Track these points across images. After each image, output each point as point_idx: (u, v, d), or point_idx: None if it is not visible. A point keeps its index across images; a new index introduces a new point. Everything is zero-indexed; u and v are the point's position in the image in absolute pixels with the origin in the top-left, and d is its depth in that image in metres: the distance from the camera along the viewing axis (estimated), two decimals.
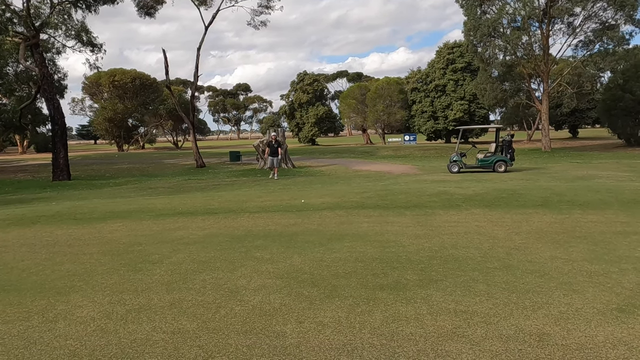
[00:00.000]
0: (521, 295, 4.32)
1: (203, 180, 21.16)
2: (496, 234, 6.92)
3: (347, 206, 9.72)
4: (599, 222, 7.63)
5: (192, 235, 7.50)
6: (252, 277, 5.09)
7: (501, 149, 18.58)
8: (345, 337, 3.52)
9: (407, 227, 7.54)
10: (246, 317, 3.97)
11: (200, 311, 4.12)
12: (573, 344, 3.32)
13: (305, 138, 65.62)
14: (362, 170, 23.39)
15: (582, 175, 16.08)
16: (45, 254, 6.55)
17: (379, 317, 3.89)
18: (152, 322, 3.90)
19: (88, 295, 4.64)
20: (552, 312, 3.91)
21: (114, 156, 47.76)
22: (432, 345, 3.36)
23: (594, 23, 29.09)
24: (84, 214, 10.00)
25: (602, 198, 9.75)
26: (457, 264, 5.36)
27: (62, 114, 23.59)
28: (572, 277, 4.80)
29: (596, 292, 4.36)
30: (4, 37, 24.66)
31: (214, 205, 10.68)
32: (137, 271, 5.47)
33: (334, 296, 4.41)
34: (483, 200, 9.82)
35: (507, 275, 4.93)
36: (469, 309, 4.01)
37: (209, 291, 4.66)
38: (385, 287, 4.61)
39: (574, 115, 52.37)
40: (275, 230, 7.69)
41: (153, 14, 27.24)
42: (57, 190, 18.67)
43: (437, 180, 15.42)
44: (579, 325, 3.63)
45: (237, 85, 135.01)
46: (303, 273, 5.17)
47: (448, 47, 50.08)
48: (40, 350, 3.46)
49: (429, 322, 3.75)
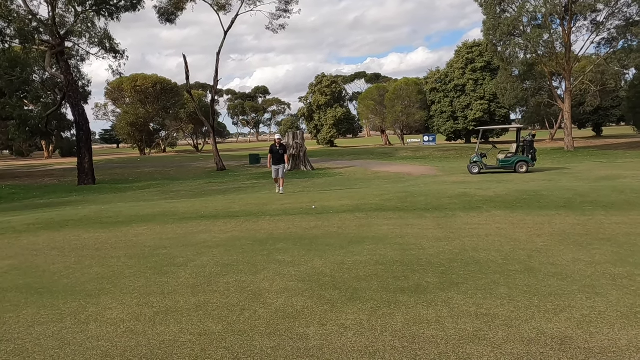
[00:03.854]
0: (543, 298, 4.32)
1: (224, 183, 21.43)
2: (517, 236, 6.89)
3: (367, 209, 9.76)
4: (624, 223, 7.52)
5: (214, 238, 7.64)
6: (275, 279, 5.19)
7: (522, 149, 18.36)
8: (367, 340, 3.58)
9: (428, 230, 7.55)
10: (270, 319, 4.06)
11: (225, 313, 4.23)
12: (596, 348, 3.32)
13: (323, 140, 65.76)
14: (381, 172, 23.37)
15: (606, 175, 15.79)
16: (74, 257, 6.77)
17: (400, 320, 3.94)
18: (179, 324, 4.03)
19: (117, 298, 4.80)
20: (574, 315, 3.91)
21: (137, 160, 48.63)
22: (453, 348, 3.40)
23: (617, 20, 28.51)
24: (110, 217, 10.26)
25: (627, 199, 9.59)
26: (478, 267, 5.37)
27: (86, 120, 24.19)
28: (595, 280, 4.77)
29: (620, 295, 4.33)
30: (31, 46, 25.38)
31: (235, 208, 10.83)
32: (163, 274, 5.62)
33: (356, 299, 4.47)
34: (504, 202, 9.75)
35: (528, 278, 4.92)
36: (490, 312, 4.03)
37: (233, 294, 4.77)
38: (406, 290, 4.65)
39: (598, 114, 51.32)
40: (296, 233, 7.79)
41: (173, 20, 27.74)
42: (82, 195, 19.15)
43: (457, 182, 15.33)
44: (602, 329, 3.62)
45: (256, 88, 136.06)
46: (324, 276, 5.24)
47: (467, 47, 49.63)
48: (74, 350, 3.61)
49: (450, 325, 3.79)
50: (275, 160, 13.23)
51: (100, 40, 26.89)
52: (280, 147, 13.27)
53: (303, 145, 25.85)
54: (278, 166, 13.30)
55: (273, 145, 13.36)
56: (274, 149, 13.27)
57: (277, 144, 13.29)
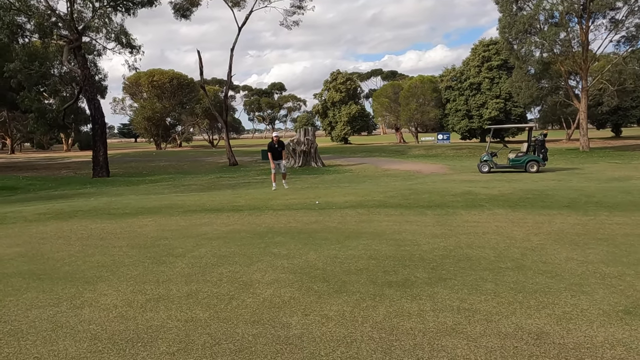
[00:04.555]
0: (528, 295, 4.35)
1: (234, 178, 21.66)
2: (515, 234, 6.89)
3: (370, 205, 9.82)
4: (625, 224, 7.46)
5: (215, 230, 7.79)
6: (267, 271, 5.30)
7: (533, 149, 18.18)
8: (347, 330, 3.67)
9: (426, 227, 7.59)
10: (256, 308, 4.18)
11: (213, 302, 4.36)
12: (570, 343, 3.36)
13: (337, 137, 65.77)
14: (391, 170, 23.35)
15: (618, 176, 15.57)
16: (79, 246, 6.98)
17: (382, 312, 4.02)
18: (169, 311, 4.17)
19: (113, 285, 4.96)
20: (555, 312, 3.94)
21: (152, 154, 49.32)
22: (429, 340, 3.46)
23: (637, 18, 27.95)
24: (118, 209, 10.50)
25: (633, 200, 9.49)
26: (469, 263, 5.41)
27: (102, 114, 24.64)
28: (584, 279, 4.77)
29: (606, 293, 4.34)
30: (49, 40, 25.92)
31: (240, 202, 10.98)
32: (161, 264, 5.77)
33: (343, 291, 4.56)
34: (507, 201, 9.72)
35: (517, 275, 4.95)
36: (473, 307, 4.08)
37: (225, 284, 4.89)
38: (393, 284, 4.73)
39: (617, 114, 50.37)
40: (296, 227, 7.90)
41: (188, 16, 28.03)
42: (96, 187, 19.55)
43: (465, 180, 15.28)
44: (580, 326, 3.65)
45: (272, 84, 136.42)
46: (316, 269, 5.34)
47: (484, 45, 49.12)
48: (66, 333, 3.76)
49: (430, 319, 3.85)
50: (275, 157, 13.66)
51: (116, 36, 27.33)
52: (278, 144, 13.69)
53: (314, 141, 25.95)
54: (278, 161, 13.70)
55: (271, 143, 13.69)
56: (272, 146, 13.64)
57: (275, 142, 13.64)
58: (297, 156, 25.48)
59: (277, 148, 13.67)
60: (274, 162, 13.62)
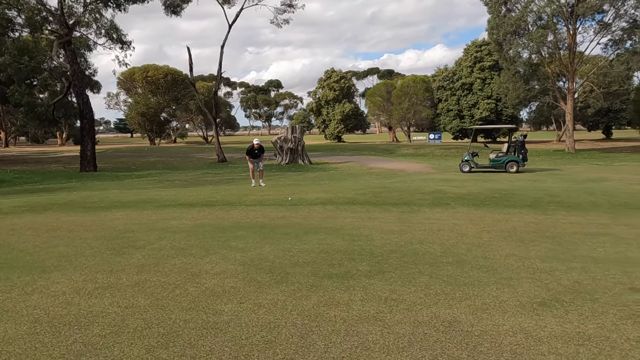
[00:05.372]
0: (456, 287, 4.59)
1: (219, 174, 21.86)
2: (468, 231, 7.13)
3: (339, 202, 10.04)
4: (578, 223, 7.71)
5: (182, 224, 8.00)
6: (218, 263, 5.52)
7: (514, 149, 18.45)
8: (274, 317, 3.89)
9: (386, 223, 7.82)
10: (196, 297, 4.40)
11: (157, 290, 4.58)
12: (477, 331, 3.60)
13: (331, 135, 65.95)
14: (376, 168, 23.59)
15: (594, 178, 15.85)
16: (46, 237, 7.18)
17: (313, 301, 4.24)
18: (112, 298, 4.38)
19: (67, 274, 5.17)
20: (476, 303, 4.18)
21: (144, 150, 49.37)
22: (347, 327, 3.69)
23: (624, 21, 28.25)
24: (94, 203, 10.69)
25: (594, 200, 9.75)
26: (414, 258, 5.64)
27: (90, 109, 24.76)
28: (515, 273, 5.01)
29: (530, 287, 4.58)
30: (39, 35, 25.99)
31: (216, 197, 11.20)
32: (120, 255, 5.99)
33: (283, 282, 4.78)
34: (474, 200, 9.97)
35: (455, 269, 5.18)
36: (400, 298, 4.31)
37: (174, 274, 5.11)
38: (333, 276, 4.95)
39: (608, 116, 50.77)
40: (262, 222, 8.12)
41: (179, 12, 28.14)
42: (81, 181, 19.70)
43: (443, 179, 15.52)
44: (493, 315, 3.88)
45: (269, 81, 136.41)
46: (265, 261, 5.56)
47: (476, 45, 49.40)
48: (9, 317, 3.98)
49: (356, 308, 4.08)
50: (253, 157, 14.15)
51: (107, 31, 27.43)
52: (258, 149, 14.09)
53: (301, 139, 26.16)
54: (256, 160, 14.18)
55: (251, 147, 14.06)
56: (251, 150, 14.05)
57: (255, 148, 14.03)
58: (284, 153, 25.69)
59: (257, 153, 14.13)
60: (251, 161, 14.04)
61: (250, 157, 14.08)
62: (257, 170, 14.19)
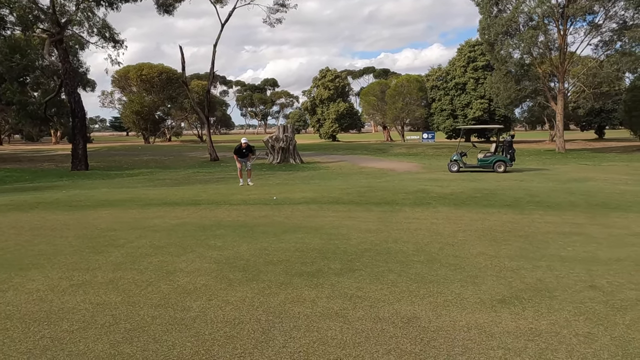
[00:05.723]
0: (422, 284, 4.71)
1: (210, 173, 21.94)
2: (444, 230, 7.26)
3: (323, 201, 10.17)
4: (553, 222, 7.86)
5: (165, 223, 8.10)
6: (194, 261, 5.63)
7: (501, 149, 18.63)
8: (240, 313, 4.01)
9: (365, 222, 7.94)
10: (167, 294, 4.51)
11: (130, 288, 4.68)
12: (433, 327, 3.72)
13: (326, 134, 66.12)
14: (367, 167, 23.74)
15: (579, 178, 16.04)
16: (28, 236, 7.27)
17: (280, 298, 4.36)
18: (85, 295, 4.49)
19: (44, 272, 5.27)
20: (438, 300, 4.30)
21: (138, 148, 49.36)
22: (308, 322, 3.81)
23: (614, 23, 28.50)
24: (80, 201, 10.77)
25: (573, 200, 9.91)
26: (386, 257, 5.76)
27: (82, 107, 24.78)
28: (482, 272, 5.14)
29: (494, 284, 4.71)
30: (31, 33, 25.97)
31: (202, 197, 11.30)
32: (98, 253, 6.09)
33: (255, 280, 4.90)
34: (455, 199, 10.11)
35: (423, 267, 5.31)
36: (365, 295, 4.43)
37: (149, 272, 5.22)
38: (304, 274, 5.07)
39: (600, 116, 51.16)
40: (243, 221, 8.22)
41: (171, 11, 28.18)
42: (72, 180, 19.75)
43: (429, 179, 15.68)
44: (452, 312, 4.01)
45: (265, 80, 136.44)
46: (240, 260, 5.67)
47: (470, 45, 49.62)
48: None
49: (321, 304, 4.20)
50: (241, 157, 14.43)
51: (99, 30, 27.43)
52: (246, 149, 14.39)
53: (293, 138, 26.27)
54: (244, 159, 14.45)
55: (239, 147, 14.34)
56: (239, 149, 14.34)
57: (243, 147, 14.32)
58: (275, 153, 25.79)
59: (244, 152, 14.41)
60: (239, 161, 14.18)
61: (238, 157, 14.28)
62: (245, 169, 14.35)
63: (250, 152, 14.45)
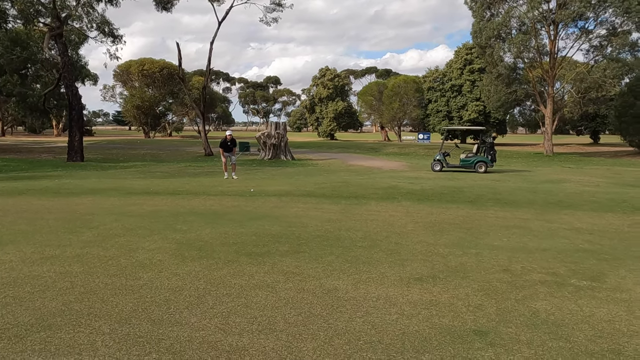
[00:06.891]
0: (354, 265, 5.26)
1: (201, 167, 22.50)
2: (397, 222, 7.80)
3: (297, 194, 10.72)
4: (503, 217, 8.39)
5: (141, 210, 8.66)
6: (157, 241, 6.19)
7: (483, 150, 19.15)
8: (183, 283, 4.57)
9: (329, 213, 8.48)
10: (124, 267, 5.07)
11: (93, 261, 5.25)
12: (347, 297, 4.27)
13: (324, 133, 66.64)
14: (354, 165, 24.28)
15: (554, 179, 16.54)
16: (12, 217, 7.84)
17: (223, 272, 4.92)
18: (52, 266, 5.05)
19: (20, 247, 5.83)
20: (362, 277, 4.85)
21: (137, 142, 49.96)
22: (240, 291, 4.37)
23: (604, 29, 28.97)
24: (68, 189, 11.34)
25: (532, 199, 10.44)
26: (333, 242, 6.31)
27: (79, 101, 25.36)
28: (413, 256, 5.68)
29: (418, 266, 5.25)
30: (32, 27, 26.55)
31: (184, 188, 11.87)
32: (72, 233, 6.65)
33: (206, 257, 5.45)
34: (422, 196, 10.66)
35: (363, 251, 5.85)
36: (300, 272, 4.98)
37: (113, 249, 5.78)
38: (252, 254, 5.63)
39: (595, 121, 51.58)
40: (215, 210, 8.78)
41: (169, 8, 28.72)
42: (66, 170, 20.33)
43: (409, 177, 16.20)
44: (369, 286, 4.56)
45: (267, 77, 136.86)
46: (200, 241, 6.23)
47: (466, 48, 50.07)
48: None
49: (258, 278, 4.76)
50: (227, 150, 15.21)
51: (98, 25, 28.00)
52: (230, 142, 15.19)
53: (284, 135, 26.83)
54: (229, 153, 15.19)
55: (224, 140, 15.15)
56: (224, 143, 15.13)
57: (228, 140, 15.16)
58: (267, 149, 26.35)
59: (229, 145, 15.12)
60: (224, 155, 14.76)
61: (224, 150, 14.83)
62: (230, 163, 14.90)
63: (234, 145, 15.02)
